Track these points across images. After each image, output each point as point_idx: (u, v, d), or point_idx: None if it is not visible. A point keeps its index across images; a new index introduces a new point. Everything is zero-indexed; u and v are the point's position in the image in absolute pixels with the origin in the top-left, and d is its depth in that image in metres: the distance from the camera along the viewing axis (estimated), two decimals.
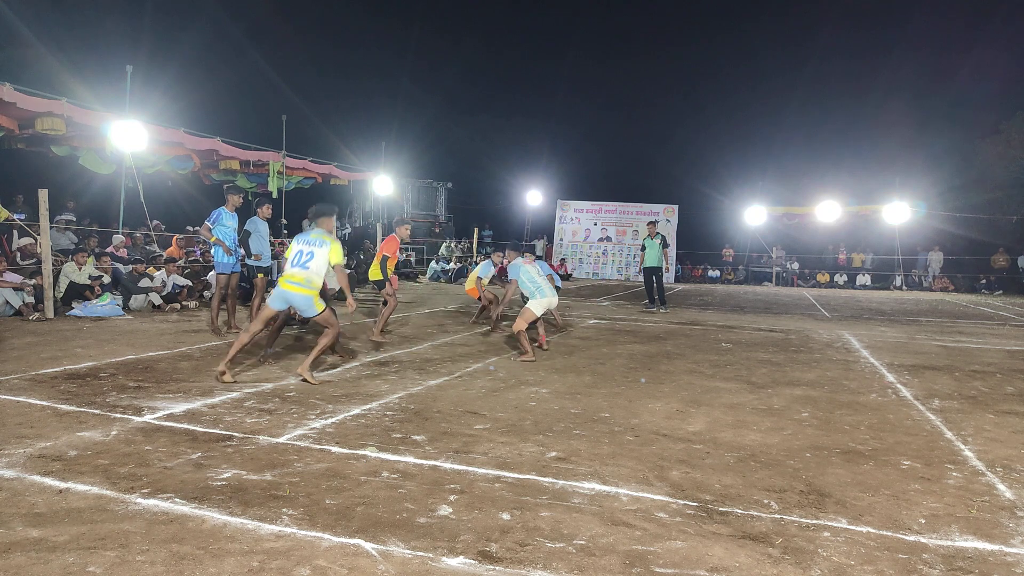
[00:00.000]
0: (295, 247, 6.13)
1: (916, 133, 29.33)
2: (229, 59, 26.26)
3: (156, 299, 11.20)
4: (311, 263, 6.01)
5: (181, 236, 14.75)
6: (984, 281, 24.03)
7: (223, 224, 8.51)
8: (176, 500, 3.28)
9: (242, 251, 9.03)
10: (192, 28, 25.89)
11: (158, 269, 11.82)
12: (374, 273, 9.10)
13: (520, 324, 7.60)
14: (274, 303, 6.11)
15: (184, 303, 11.54)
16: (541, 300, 7.83)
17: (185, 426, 4.53)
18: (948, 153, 27.57)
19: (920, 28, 34.87)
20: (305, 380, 5.94)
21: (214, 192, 16.94)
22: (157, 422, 4.60)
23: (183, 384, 5.77)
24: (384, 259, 8.88)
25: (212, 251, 8.93)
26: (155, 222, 14.44)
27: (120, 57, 16.34)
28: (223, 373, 5.91)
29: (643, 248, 14.20)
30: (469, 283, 11.17)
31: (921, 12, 34.79)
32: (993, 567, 2.86)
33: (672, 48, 42.48)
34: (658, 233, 14.33)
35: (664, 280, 14.36)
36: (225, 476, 3.62)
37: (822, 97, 37.21)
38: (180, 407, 5.01)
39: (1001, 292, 23.25)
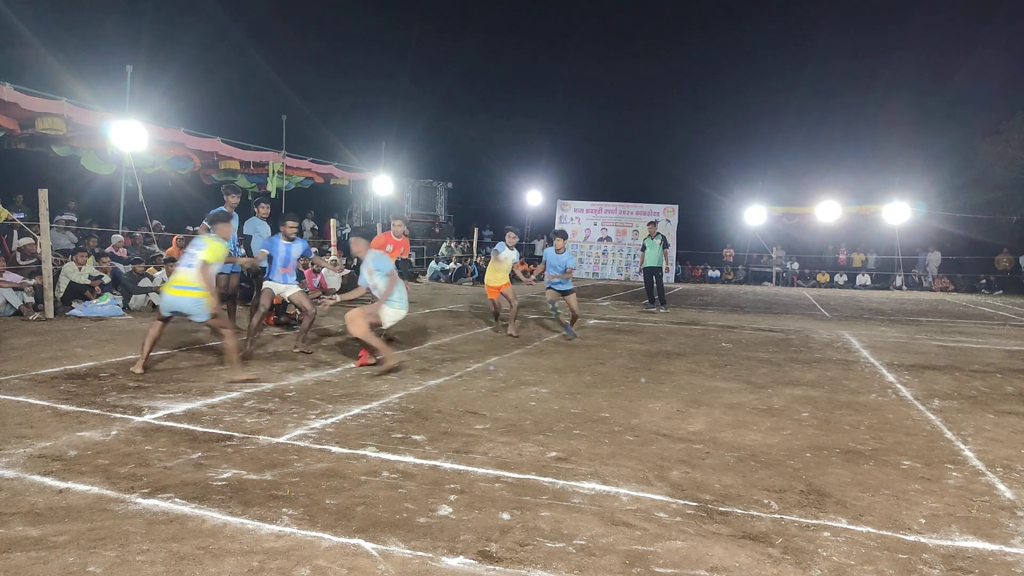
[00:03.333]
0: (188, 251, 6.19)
1: (916, 133, 29.34)
2: (229, 59, 26.25)
3: (156, 299, 11.19)
4: (193, 264, 6.02)
5: (181, 236, 14.73)
6: (984, 281, 24.04)
7: None
8: (176, 500, 3.28)
9: (243, 251, 9.03)
10: (192, 28, 25.88)
11: (158, 269, 11.82)
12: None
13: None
14: (165, 310, 6.13)
15: None
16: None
17: (185, 426, 4.53)
18: (948, 153, 27.57)
19: (920, 28, 34.89)
20: (245, 381, 5.91)
21: (214, 192, 16.89)
22: (157, 422, 4.61)
23: (183, 384, 5.77)
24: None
25: None
26: (155, 222, 14.44)
27: (120, 57, 16.32)
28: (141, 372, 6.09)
29: (643, 248, 14.20)
30: (496, 278, 9.67)
31: (921, 12, 34.82)
32: (993, 567, 2.86)
33: (672, 48, 42.50)
34: (658, 233, 14.34)
35: (664, 280, 14.37)
36: (225, 476, 3.62)
37: (822, 97, 37.21)
38: (180, 407, 5.01)
39: (1001, 292, 23.26)
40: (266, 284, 7.82)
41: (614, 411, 5.31)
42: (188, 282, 5.96)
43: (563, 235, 9.37)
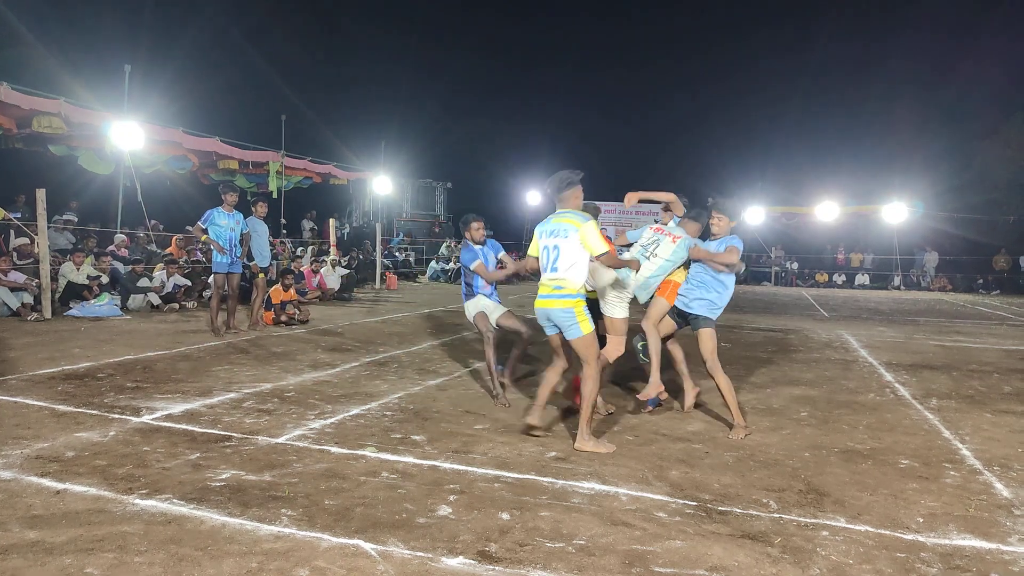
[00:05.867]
0: (539, 243, 4.51)
1: (915, 134, 29.30)
2: (228, 59, 26.23)
3: (155, 299, 11.18)
4: (559, 262, 4.34)
5: (180, 236, 14.73)
6: (982, 281, 24.08)
7: (216, 224, 8.42)
8: (174, 501, 3.27)
9: (242, 251, 9.03)
10: (191, 27, 25.85)
11: (160, 268, 11.82)
12: None
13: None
14: (541, 322, 4.55)
15: (183, 303, 11.53)
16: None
17: (183, 427, 4.53)
18: (946, 154, 27.57)
19: (919, 29, 34.91)
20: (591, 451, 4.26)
21: (213, 192, 16.86)
22: (155, 423, 4.60)
23: (181, 384, 5.76)
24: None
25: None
26: (153, 222, 14.44)
27: (119, 56, 16.31)
28: (531, 427, 4.54)
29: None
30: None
31: (920, 14, 34.84)
32: (991, 565, 2.86)
33: (673, 52, 42.46)
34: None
35: None
36: (224, 477, 3.61)
37: (821, 98, 37.22)
38: (178, 407, 5.01)
39: (999, 292, 23.28)
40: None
41: (614, 411, 5.30)
42: (549, 287, 4.40)
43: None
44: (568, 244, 4.30)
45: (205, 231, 8.45)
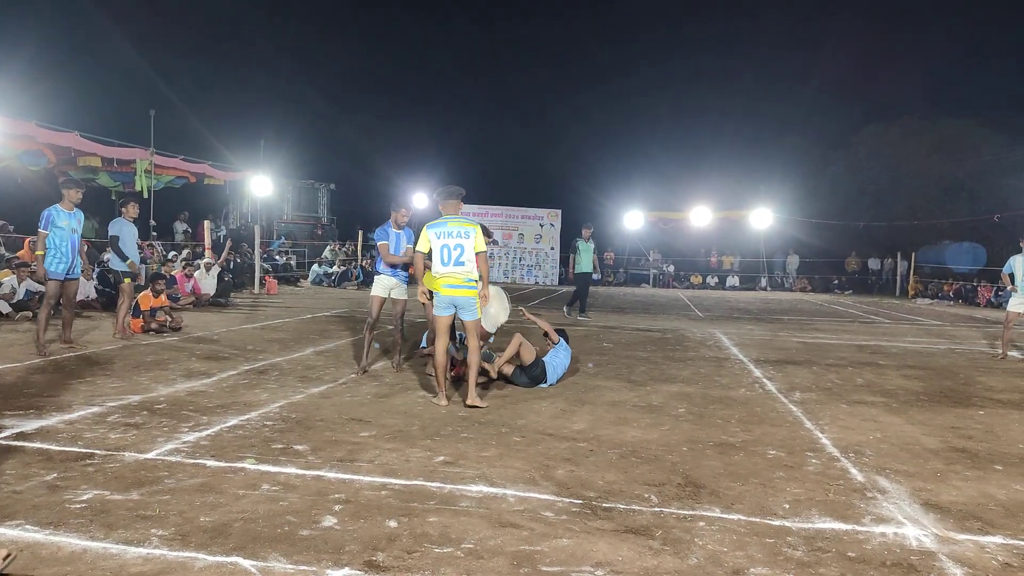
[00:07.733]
0: (436, 241, 5.50)
1: (775, 143, 31.72)
2: (90, 45, 24.33)
3: (4, 307, 10.18)
4: (465, 257, 5.46)
5: (33, 239, 13.49)
6: (836, 282, 26.28)
7: (57, 226, 7.50)
8: (27, 527, 2.99)
9: (107, 256, 8.32)
10: (47, 10, 23.78)
11: (10, 274, 10.76)
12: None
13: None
14: (443, 305, 5.57)
15: (36, 311, 10.55)
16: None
17: (38, 445, 4.15)
18: (803, 163, 29.96)
19: (776, 45, 37.70)
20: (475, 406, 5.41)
21: None
22: (4, 442, 4.18)
23: (35, 400, 5.27)
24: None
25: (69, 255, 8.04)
26: (1, 222, 13.16)
27: None
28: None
29: (576, 251, 13.26)
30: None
31: (777, 29, 37.65)
32: (848, 545, 3.11)
33: (557, 58, 43.53)
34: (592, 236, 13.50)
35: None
36: (85, 498, 3.34)
37: (693, 108, 39.37)
38: (32, 424, 4.58)
39: (851, 292, 25.47)
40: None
41: (501, 412, 5.36)
42: (460, 279, 5.49)
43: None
44: (470, 243, 5.44)
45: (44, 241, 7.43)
